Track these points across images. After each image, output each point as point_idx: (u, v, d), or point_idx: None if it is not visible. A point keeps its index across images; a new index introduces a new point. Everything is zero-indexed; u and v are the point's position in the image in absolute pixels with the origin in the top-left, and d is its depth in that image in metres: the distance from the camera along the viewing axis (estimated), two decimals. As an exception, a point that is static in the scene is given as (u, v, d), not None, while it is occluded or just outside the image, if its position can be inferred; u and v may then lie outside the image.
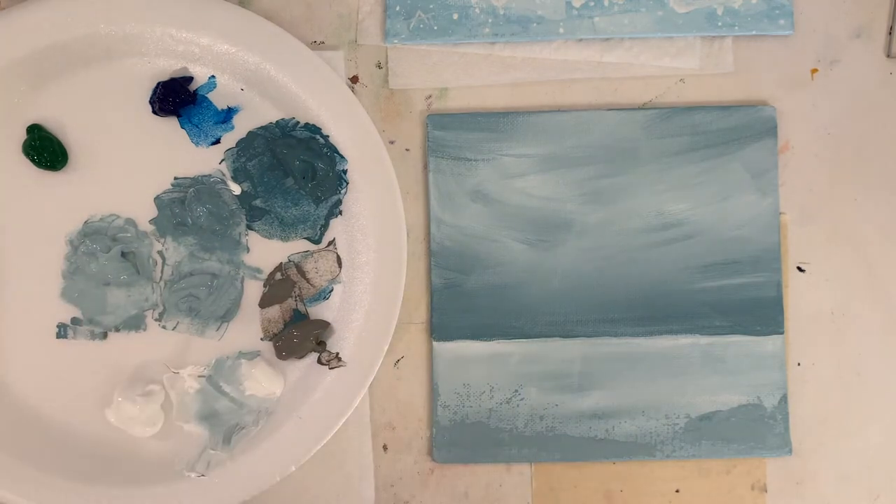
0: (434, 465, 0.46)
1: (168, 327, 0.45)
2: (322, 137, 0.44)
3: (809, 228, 0.47)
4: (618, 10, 0.46)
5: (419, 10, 0.46)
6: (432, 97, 0.47)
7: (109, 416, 0.43)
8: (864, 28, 0.47)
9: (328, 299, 0.45)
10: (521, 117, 0.46)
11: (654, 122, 0.46)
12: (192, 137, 0.45)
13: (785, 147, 0.47)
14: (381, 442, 0.46)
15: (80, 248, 0.44)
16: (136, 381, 0.44)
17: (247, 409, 0.44)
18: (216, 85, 0.45)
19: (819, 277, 0.47)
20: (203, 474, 0.43)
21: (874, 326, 0.47)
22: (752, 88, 0.47)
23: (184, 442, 0.44)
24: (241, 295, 0.45)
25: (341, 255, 0.45)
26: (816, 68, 0.47)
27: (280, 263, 0.45)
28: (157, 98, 0.44)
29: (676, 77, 0.47)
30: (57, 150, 0.44)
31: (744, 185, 0.46)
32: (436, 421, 0.45)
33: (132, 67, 0.44)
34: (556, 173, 0.46)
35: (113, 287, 0.44)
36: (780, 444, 0.46)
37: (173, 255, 0.45)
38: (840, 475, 0.47)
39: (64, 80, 0.44)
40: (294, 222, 0.45)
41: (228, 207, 0.45)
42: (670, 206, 0.46)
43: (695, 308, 0.46)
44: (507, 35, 0.46)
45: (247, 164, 0.45)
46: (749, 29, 0.46)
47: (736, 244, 0.46)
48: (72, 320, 0.44)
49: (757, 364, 0.46)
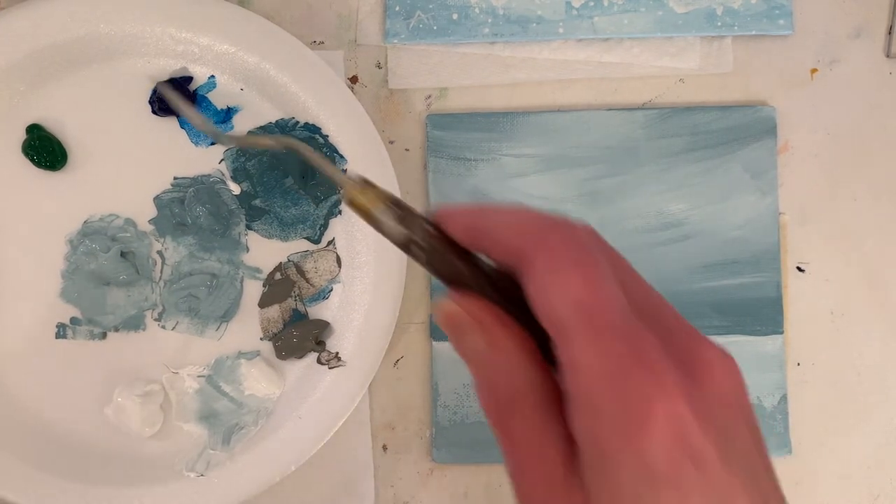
0: (434, 466, 0.46)
1: (168, 327, 0.45)
2: (322, 137, 0.44)
3: (809, 228, 0.47)
4: (617, 10, 0.46)
5: (419, 10, 0.46)
6: (432, 97, 0.47)
7: (109, 415, 0.43)
8: (863, 28, 0.47)
9: (328, 299, 0.45)
10: (521, 117, 0.46)
11: (653, 122, 0.46)
12: (191, 137, 0.45)
13: (785, 147, 0.47)
14: (381, 442, 0.46)
15: (80, 248, 0.44)
16: (136, 381, 0.44)
17: (246, 409, 0.44)
18: (216, 85, 0.45)
19: (819, 277, 0.47)
20: (203, 474, 0.43)
21: (874, 326, 0.47)
22: (751, 88, 0.47)
23: (183, 442, 0.44)
24: (240, 295, 0.45)
25: (341, 255, 0.45)
26: (816, 68, 0.47)
27: (280, 263, 0.45)
28: (157, 98, 0.44)
29: (676, 77, 0.47)
30: (57, 150, 0.43)
31: (743, 185, 0.46)
32: (436, 421, 0.45)
33: (132, 67, 0.44)
34: (556, 173, 0.46)
35: (112, 287, 0.44)
36: (779, 444, 0.45)
37: (173, 255, 0.45)
38: (840, 475, 0.46)
39: (64, 80, 0.44)
40: (294, 222, 0.45)
41: (228, 207, 0.45)
42: (670, 206, 0.46)
43: (694, 308, 0.46)
44: (506, 35, 0.46)
45: (246, 164, 0.45)
46: (749, 29, 0.46)
47: (736, 244, 0.46)
48: (71, 320, 0.44)
49: (756, 364, 0.46)
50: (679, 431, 0.20)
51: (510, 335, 0.23)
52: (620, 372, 0.20)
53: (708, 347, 0.23)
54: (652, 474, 0.20)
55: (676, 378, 0.21)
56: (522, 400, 0.23)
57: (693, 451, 0.20)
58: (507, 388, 0.23)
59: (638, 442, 0.20)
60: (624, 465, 0.20)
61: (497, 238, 0.23)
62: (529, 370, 0.23)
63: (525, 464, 0.23)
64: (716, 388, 0.22)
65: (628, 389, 0.20)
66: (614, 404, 0.20)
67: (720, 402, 0.22)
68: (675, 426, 0.20)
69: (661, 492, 0.20)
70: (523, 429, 0.23)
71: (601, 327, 0.21)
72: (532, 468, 0.23)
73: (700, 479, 0.20)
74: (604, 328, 0.21)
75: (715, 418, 0.21)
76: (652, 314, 0.23)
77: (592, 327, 0.21)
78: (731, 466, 0.21)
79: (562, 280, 0.21)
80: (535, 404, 0.23)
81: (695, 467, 0.20)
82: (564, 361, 0.21)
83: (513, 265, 0.23)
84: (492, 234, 0.23)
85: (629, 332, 0.21)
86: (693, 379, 0.21)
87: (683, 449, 0.20)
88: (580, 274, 0.21)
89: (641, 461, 0.20)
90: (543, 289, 0.22)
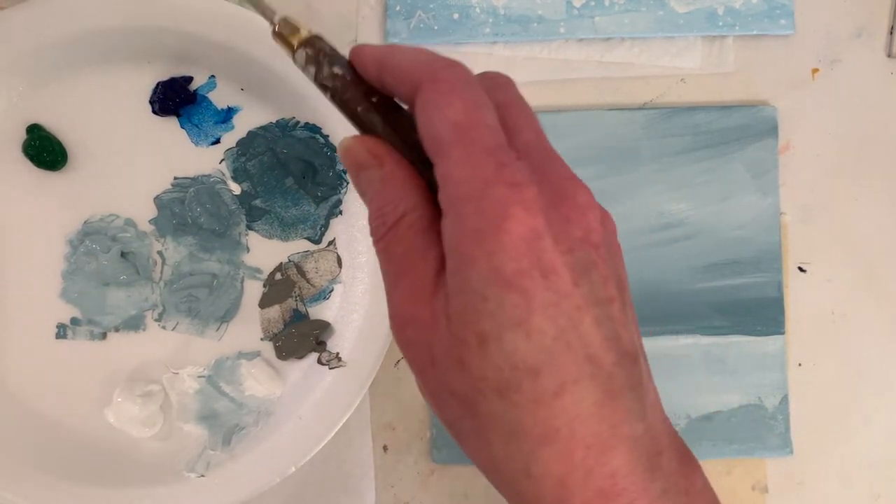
0: (434, 466, 0.46)
1: (168, 327, 0.45)
2: (322, 137, 0.44)
3: (810, 228, 0.47)
4: (618, 10, 0.46)
5: (419, 9, 0.46)
6: (432, 97, 0.46)
7: (109, 416, 0.43)
8: (864, 28, 0.47)
9: (328, 299, 0.45)
10: (522, 117, 0.46)
11: (654, 121, 0.46)
12: (192, 137, 0.45)
13: (786, 147, 0.47)
14: (381, 442, 0.46)
15: (80, 249, 0.44)
16: (136, 381, 0.44)
17: (246, 409, 0.44)
18: (216, 85, 0.45)
19: (820, 277, 0.47)
20: (203, 474, 0.43)
21: (875, 326, 0.47)
22: (752, 88, 0.47)
23: (183, 442, 0.44)
24: (240, 295, 0.45)
25: (341, 255, 0.45)
26: (817, 68, 0.47)
27: (280, 263, 0.45)
28: (157, 98, 0.44)
29: (677, 77, 0.47)
30: (57, 150, 0.43)
31: (744, 185, 0.46)
32: (436, 421, 0.45)
33: (132, 67, 0.44)
34: (557, 173, 0.46)
35: (112, 287, 0.44)
36: (780, 445, 0.45)
37: (173, 256, 0.45)
38: (841, 475, 0.46)
39: (64, 80, 0.44)
40: (294, 222, 0.45)
41: (228, 207, 0.45)
42: (671, 206, 0.46)
43: (695, 308, 0.46)
44: (507, 35, 0.46)
45: (247, 164, 0.45)
46: (750, 29, 0.46)
47: (736, 244, 0.46)
48: (71, 320, 0.44)
49: (758, 364, 0.46)
50: (531, 243, 0.22)
51: (402, 168, 0.25)
52: (485, 183, 0.22)
53: (578, 185, 0.24)
54: (499, 276, 0.22)
55: (538, 199, 0.22)
56: (405, 222, 0.25)
57: (543, 263, 0.22)
58: (393, 213, 0.25)
59: (490, 244, 0.22)
60: (476, 267, 0.22)
61: (398, 73, 0.25)
62: (413, 194, 0.25)
63: (399, 277, 0.25)
64: (581, 225, 0.23)
65: (489, 198, 0.22)
66: (476, 213, 0.22)
67: (584, 238, 0.23)
68: (530, 237, 0.22)
69: (506, 295, 0.22)
70: (402, 247, 0.25)
71: (472, 144, 0.23)
72: (405, 281, 0.24)
73: (546, 290, 0.22)
74: (475, 145, 0.23)
75: (574, 250, 0.23)
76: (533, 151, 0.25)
77: (464, 144, 0.23)
78: (581, 288, 0.22)
79: (443, 103, 0.23)
80: (414, 225, 0.25)
81: (542, 277, 0.22)
82: (438, 177, 0.23)
83: (409, 99, 0.25)
84: (394, 70, 0.25)
85: (499, 151, 0.23)
86: (557, 209, 0.23)
87: (532, 259, 0.22)
88: (459, 99, 0.23)
89: (491, 264, 0.22)
90: (426, 112, 0.24)
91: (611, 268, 0.24)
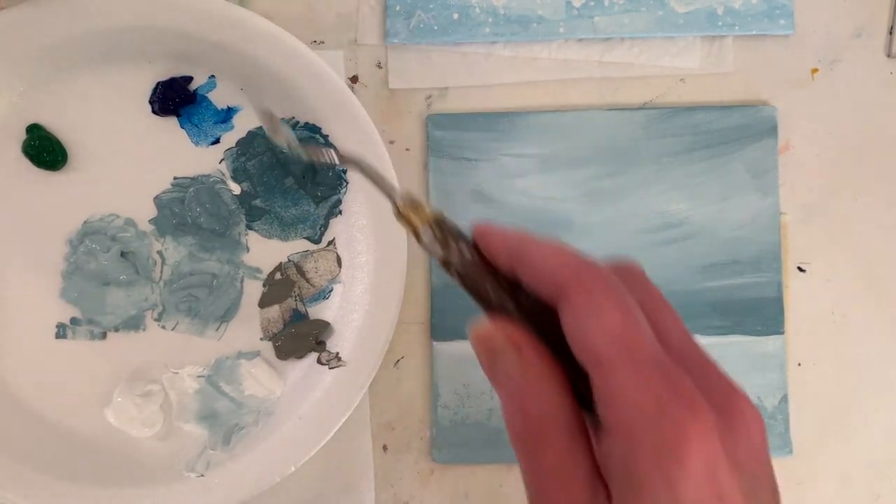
0: (434, 466, 0.46)
1: (167, 327, 0.45)
2: (322, 137, 0.44)
3: (810, 228, 0.47)
4: (618, 10, 0.46)
5: (419, 9, 0.46)
6: (432, 97, 0.46)
7: (109, 416, 0.43)
8: (864, 28, 0.47)
9: (328, 299, 0.45)
10: (521, 117, 0.46)
11: (654, 122, 0.46)
12: (191, 137, 0.45)
13: (785, 147, 0.47)
14: (381, 442, 0.46)
15: (80, 248, 0.44)
16: (136, 381, 0.44)
17: (246, 409, 0.44)
18: (216, 85, 0.45)
19: (820, 277, 0.47)
20: (203, 474, 0.43)
21: (875, 326, 0.47)
22: (752, 88, 0.47)
23: (183, 442, 0.44)
24: (240, 295, 0.45)
25: (341, 255, 0.45)
26: (817, 68, 0.47)
27: (280, 263, 0.45)
28: (157, 98, 0.44)
29: (677, 77, 0.47)
30: (57, 150, 0.43)
31: (744, 185, 0.46)
32: (436, 421, 0.45)
33: (132, 67, 0.44)
34: (557, 173, 0.46)
35: (112, 287, 0.44)
36: (780, 445, 0.45)
37: (173, 255, 0.45)
38: (841, 475, 0.46)
39: (64, 81, 0.44)
40: (294, 222, 0.45)
41: (228, 207, 0.45)
42: (671, 206, 0.46)
43: (695, 308, 0.46)
44: (507, 35, 0.46)
45: (246, 164, 0.45)
46: (749, 29, 0.46)
47: (736, 244, 0.46)
48: (71, 320, 0.44)
49: (757, 364, 0.46)
50: (712, 470, 0.21)
51: (545, 361, 0.24)
52: (659, 404, 0.21)
53: (741, 397, 0.23)
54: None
55: (713, 418, 0.21)
56: (553, 427, 0.23)
57: (721, 491, 0.21)
58: (537, 414, 0.23)
59: (672, 473, 0.20)
60: (652, 494, 0.21)
61: (535, 268, 0.24)
62: (562, 397, 0.23)
63: (551, 491, 0.23)
64: (747, 437, 0.22)
65: (667, 422, 0.21)
66: (652, 435, 0.21)
67: (749, 451, 0.22)
68: (709, 464, 0.21)
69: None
70: (551, 456, 0.23)
71: (640, 361, 0.22)
72: (557, 496, 0.23)
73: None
74: (643, 362, 0.22)
75: (743, 465, 0.22)
76: (687, 356, 0.24)
77: (632, 361, 0.22)
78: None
79: (601, 316, 0.22)
80: (564, 432, 0.23)
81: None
82: (603, 393, 0.22)
83: (548, 296, 0.24)
84: (531, 264, 0.24)
85: (667, 367, 0.22)
86: (730, 429, 0.22)
87: (713, 487, 0.21)
88: (616, 308, 0.22)
89: (672, 493, 0.20)
90: (582, 323, 0.22)
91: (772, 478, 0.23)
